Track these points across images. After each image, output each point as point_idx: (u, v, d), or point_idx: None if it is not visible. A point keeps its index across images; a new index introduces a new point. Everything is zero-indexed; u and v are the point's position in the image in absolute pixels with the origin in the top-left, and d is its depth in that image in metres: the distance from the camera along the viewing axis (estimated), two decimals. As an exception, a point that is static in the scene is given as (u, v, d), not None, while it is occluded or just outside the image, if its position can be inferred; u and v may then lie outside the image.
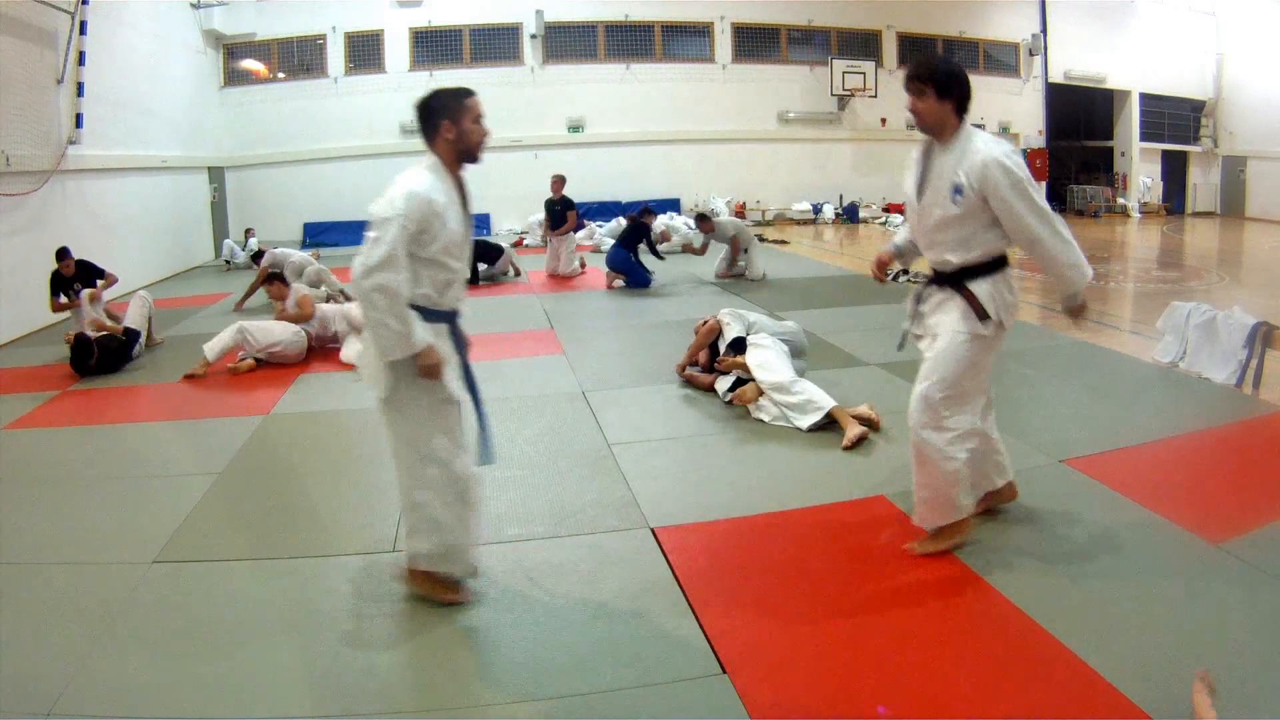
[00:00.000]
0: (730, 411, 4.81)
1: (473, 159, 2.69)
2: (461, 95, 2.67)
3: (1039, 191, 2.82)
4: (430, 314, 2.64)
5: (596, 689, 2.36)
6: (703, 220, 10.06)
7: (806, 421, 4.41)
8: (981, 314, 2.87)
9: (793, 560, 3.10)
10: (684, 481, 3.88)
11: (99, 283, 7.12)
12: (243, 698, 2.37)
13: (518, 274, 10.59)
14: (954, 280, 2.93)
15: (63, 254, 7.08)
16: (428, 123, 2.65)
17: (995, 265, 2.92)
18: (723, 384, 4.98)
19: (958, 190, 2.81)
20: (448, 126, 2.62)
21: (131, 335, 6.56)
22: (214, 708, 2.33)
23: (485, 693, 2.37)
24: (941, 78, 2.80)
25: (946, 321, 2.93)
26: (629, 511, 3.51)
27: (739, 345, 4.96)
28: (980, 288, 2.89)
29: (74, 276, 7.09)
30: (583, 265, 10.86)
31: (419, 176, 2.58)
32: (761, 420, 4.61)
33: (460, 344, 2.75)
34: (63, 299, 7.10)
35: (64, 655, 2.56)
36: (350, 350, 6.35)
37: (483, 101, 2.71)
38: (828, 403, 4.42)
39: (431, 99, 2.67)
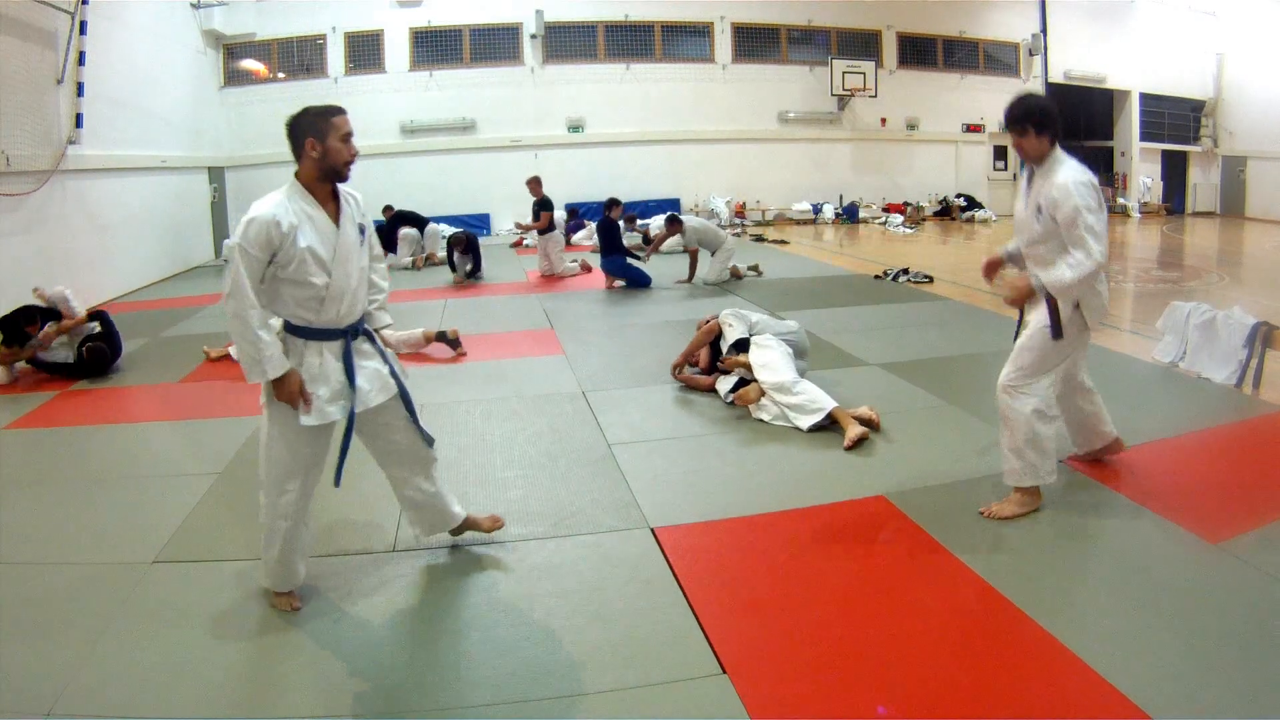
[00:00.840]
0: (730, 412, 4.81)
1: (339, 177, 2.66)
2: (329, 114, 2.63)
3: (1097, 217, 3.14)
4: (312, 332, 2.65)
5: (596, 689, 2.36)
6: (672, 223, 10.03)
7: (807, 422, 4.41)
8: (1056, 330, 3.27)
9: (793, 560, 3.10)
10: (684, 481, 3.88)
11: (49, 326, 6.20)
12: (243, 698, 2.37)
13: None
14: (1045, 290, 3.28)
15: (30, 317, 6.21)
16: (293, 141, 2.63)
17: None
18: (724, 384, 4.97)
19: (1039, 210, 3.27)
20: (312, 144, 2.59)
21: (100, 315, 6.40)
22: (214, 707, 2.33)
23: (485, 693, 2.37)
24: (1038, 116, 3.28)
25: (1035, 319, 3.38)
26: (629, 511, 3.51)
27: (742, 345, 4.96)
28: (1065, 307, 3.27)
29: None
30: (586, 267, 10.79)
31: (265, 201, 2.57)
32: (762, 420, 4.61)
33: (349, 361, 2.70)
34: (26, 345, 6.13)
35: (64, 655, 2.56)
36: None
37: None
38: (828, 403, 4.42)
39: (299, 116, 2.64)
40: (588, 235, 13.94)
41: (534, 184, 10.68)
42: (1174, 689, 2.26)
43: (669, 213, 10.68)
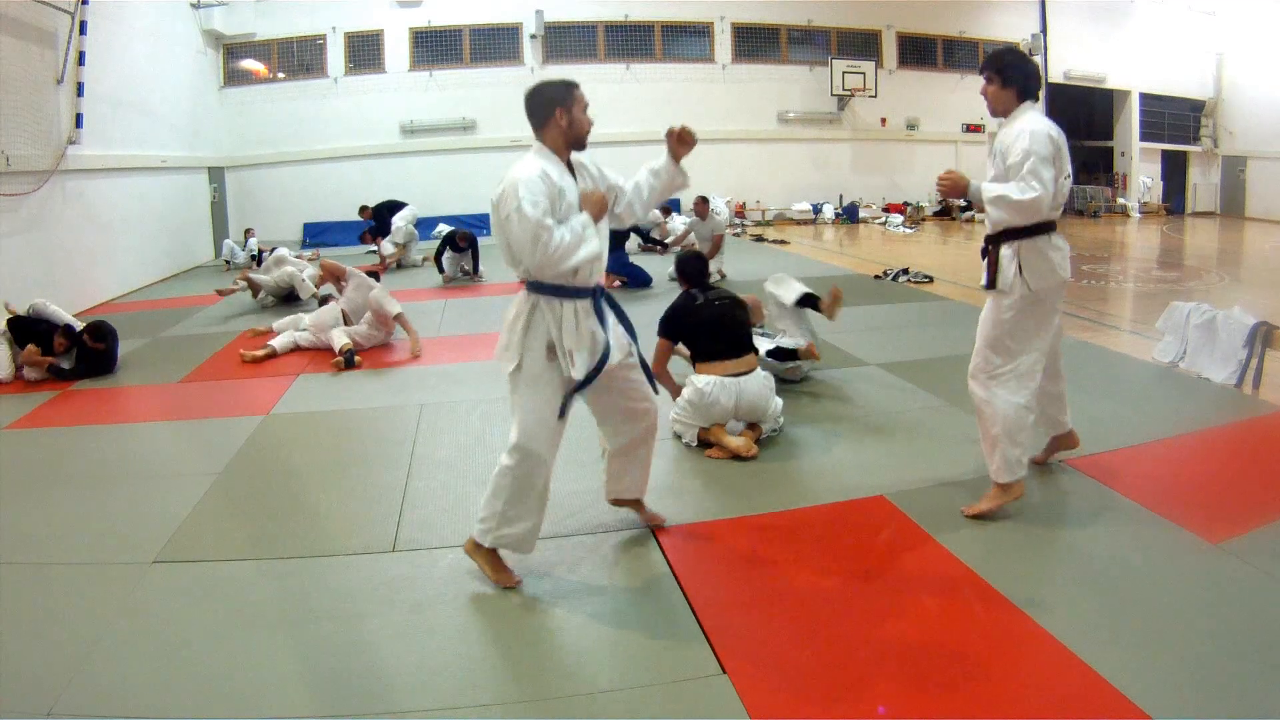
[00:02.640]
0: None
1: (581, 145, 2.91)
2: (572, 86, 2.88)
3: (1046, 166, 3.06)
4: (567, 291, 2.80)
5: (596, 689, 2.36)
6: (701, 203, 9.99)
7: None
8: (990, 280, 3.20)
9: (793, 560, 3.10)
10: (684, 482, 3.88)
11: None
12: (243, 698, 2.37)
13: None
14: (991, 241, 3.23)
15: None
16: (540, 111, 2.86)
17: (1025, 231, 3.16)
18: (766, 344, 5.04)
19: (992, 155, 3.26)
20: (561, 114, 2.81)
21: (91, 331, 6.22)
22: (214, 708, 2.33)
23: (485, 693, 2.37)
24: (1000, 65, 3.22)
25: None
26: (629, 511, 3.51)
27: (807, 300, 5.18)
28: (1004, 251, 3.20)
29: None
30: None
31: (522, 164, 2.79)
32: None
33: (602, 318, 2.88)
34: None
35: (64, 655, 2.56)
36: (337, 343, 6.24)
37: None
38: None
39: (542, 87, 2.89)
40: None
41: None
42: (1174, 689, 2.26)
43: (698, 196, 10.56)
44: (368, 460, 4.29)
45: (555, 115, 2.82)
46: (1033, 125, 3.12)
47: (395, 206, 12.25)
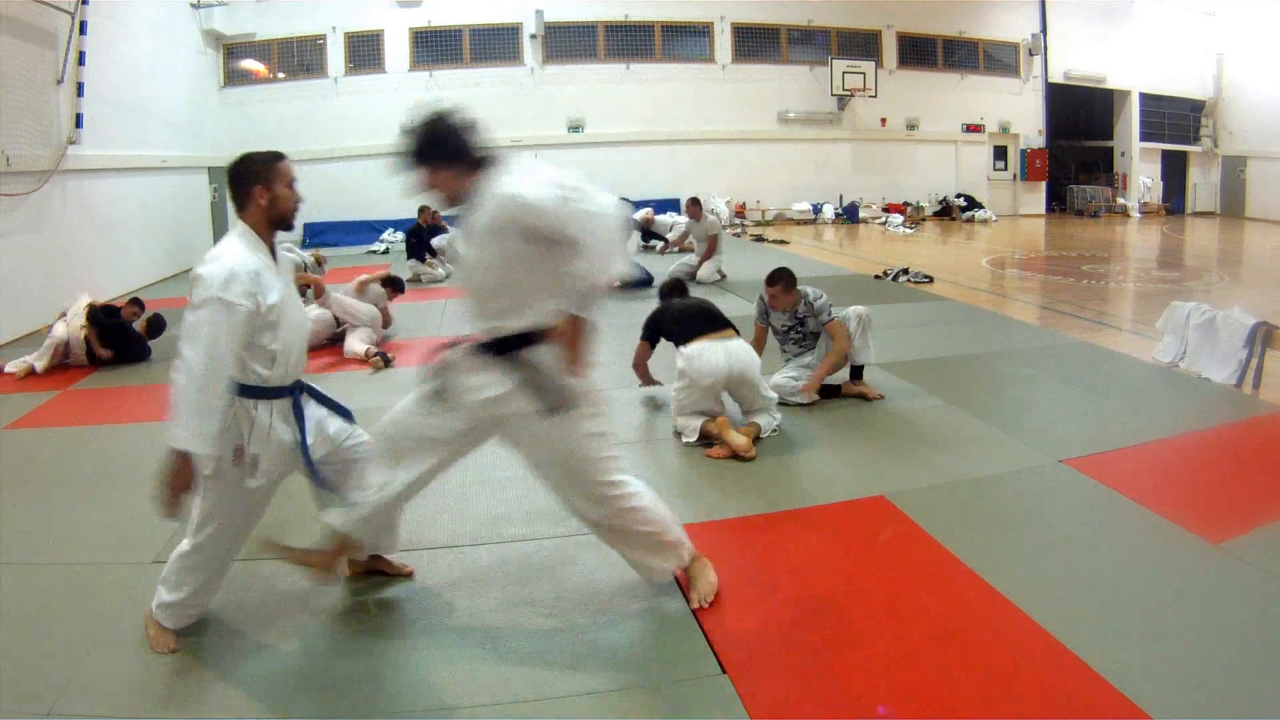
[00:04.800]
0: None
1: (286, 225, 2.52)
2: (274, 159, 2.51)
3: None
4: (265, 391, 2.51)
5: (597, 689, 2.36)
6: (694, 205, 10.01)
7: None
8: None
9: (793, 560, 3.10)
10: (684, 481, 3.88)
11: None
12: (243, 698, 2.37)
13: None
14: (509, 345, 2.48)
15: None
16: (241, 188, 2.48)
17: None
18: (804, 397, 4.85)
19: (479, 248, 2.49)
20: (261, 192, 2.46)
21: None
22: (214, 708, 2.33)
23: (485, 693, 2.37)
24: (422, 146, 2.48)
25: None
26: (629, 511, 3.51)
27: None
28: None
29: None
30: None
31: (230, 249, 2.41)
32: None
33: (300, 418, 2.61)
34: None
35: (64, 655, 2.56)
36: (355, 345, 6.41)
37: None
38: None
39: (242, 163, 2.52)
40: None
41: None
42: (1174, 689, 2.26)
43: (691, 196, 10.65)
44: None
45: (254, 194, 2.46)
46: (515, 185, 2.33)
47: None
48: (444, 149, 2.42)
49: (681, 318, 4.57)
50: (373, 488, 2.57)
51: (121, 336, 6.52)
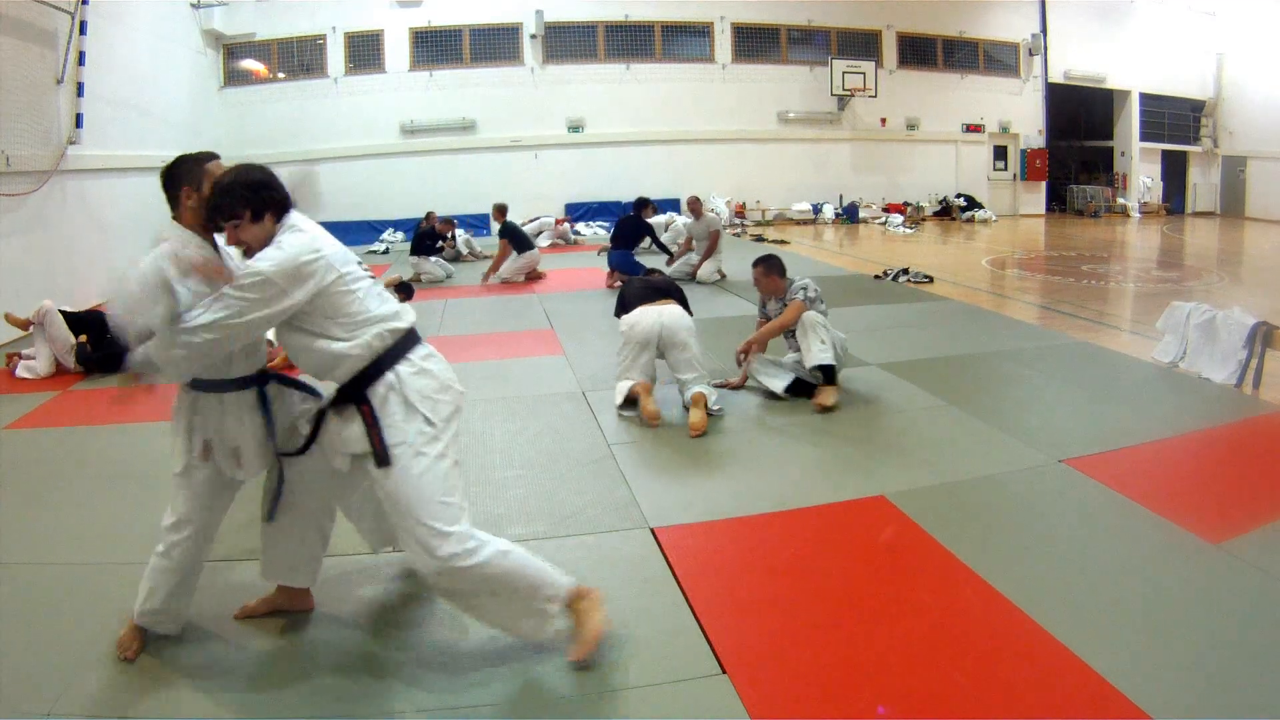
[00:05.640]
0: (729, 412, 4.80)
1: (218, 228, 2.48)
2: (204, 159, 2.55)
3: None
4: (225, 384, 2.58)
5: (597, 689, 2.36)
6: (695, 203, 10.02)
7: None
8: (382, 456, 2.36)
9: (793, 560, 3.10)
10: (684, 481, 3.88)
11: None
12: (243, 698, 2.37)
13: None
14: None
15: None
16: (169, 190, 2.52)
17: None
18: (778, 382, 4.97)
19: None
20: (188, 193, 2.50)
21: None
22: (214, 708, 2.33)
23: (485, 693, 2.37)
24: (238, 196, 2.38)
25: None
26: (629, 511, 3.51)
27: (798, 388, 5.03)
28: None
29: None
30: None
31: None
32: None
33: (267, 409, 2.61)
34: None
35: (64, 655, 2.56)
36: None
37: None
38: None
39: (179, 160, 2.55)
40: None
41: (498, 211, 10.52)
42: (1174, 689, 2.26)
43: (691, 196, 10.70)
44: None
45: (182, 195, 2.52)
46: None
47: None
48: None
49: (636, 292, 5.10)
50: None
51: (100, 328, 6.30)
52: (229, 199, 2.35)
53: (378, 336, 2.34)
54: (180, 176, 2.51)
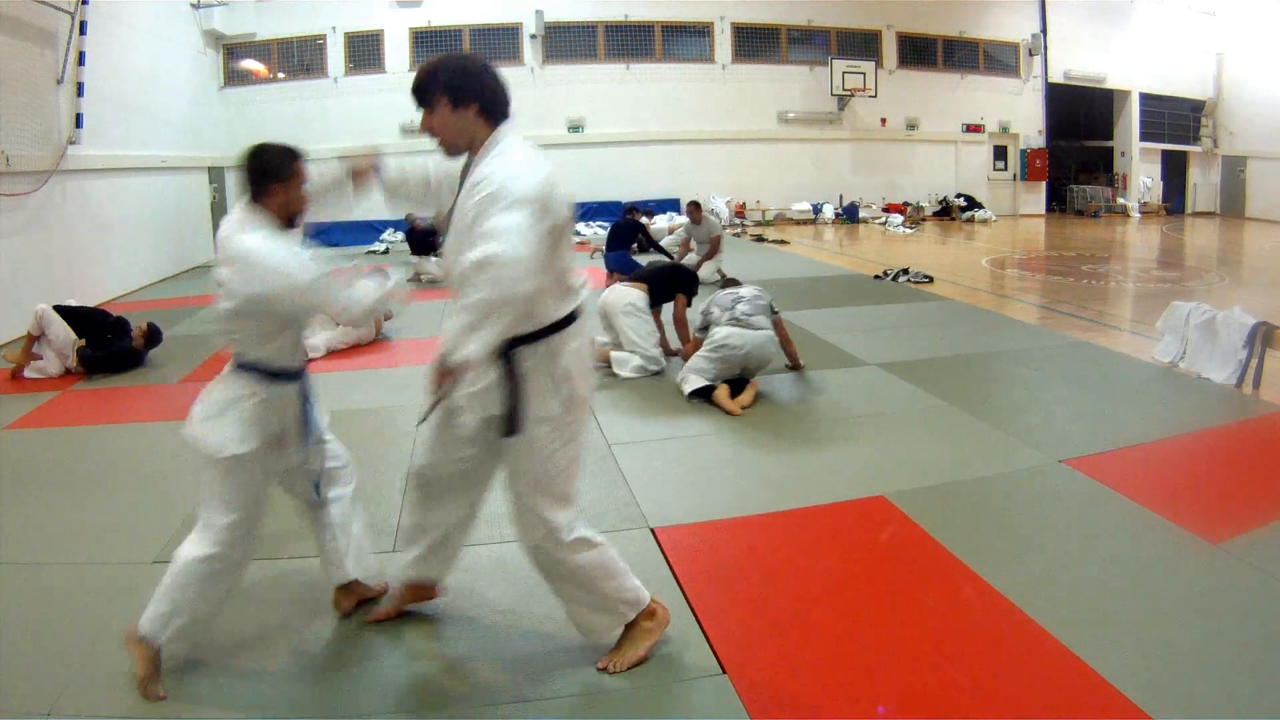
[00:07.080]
0: (730, 412, 4.80)
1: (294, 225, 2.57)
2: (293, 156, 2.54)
3: (526, 219, 2.08)
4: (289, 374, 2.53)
5: (597, 689, 2.36)
6: (695, 208, 10.03)
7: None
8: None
9: (793, 560, 3.10)
10: (684, 481, 3.88)
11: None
12: (243, 698, 2.37)
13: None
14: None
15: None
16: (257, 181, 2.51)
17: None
18: (690, 384, 4.99)
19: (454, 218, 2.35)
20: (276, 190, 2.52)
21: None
22: (213, 708, 2.33)
23: (485, 693, 2.37)
24: (443, 82, 2.34)
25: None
26: (629, 511, 3.51)
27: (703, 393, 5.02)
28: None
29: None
30: None
31: None
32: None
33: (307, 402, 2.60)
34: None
35: (64, 655, 2.55)
36: (318, 340, 6.39)
37: None
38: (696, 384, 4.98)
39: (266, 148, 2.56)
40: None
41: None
42: (1174, 689, 2.26)
43: (691, 200, 10.69)
44: (369, 460, 4.28)
45: (272, 190, 2.52)
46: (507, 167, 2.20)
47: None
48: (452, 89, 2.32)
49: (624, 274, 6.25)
50: (430, 529, 2.57)
51: (99, 329, 6.36)
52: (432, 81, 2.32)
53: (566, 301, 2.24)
54: (273, 172, 2.54)
